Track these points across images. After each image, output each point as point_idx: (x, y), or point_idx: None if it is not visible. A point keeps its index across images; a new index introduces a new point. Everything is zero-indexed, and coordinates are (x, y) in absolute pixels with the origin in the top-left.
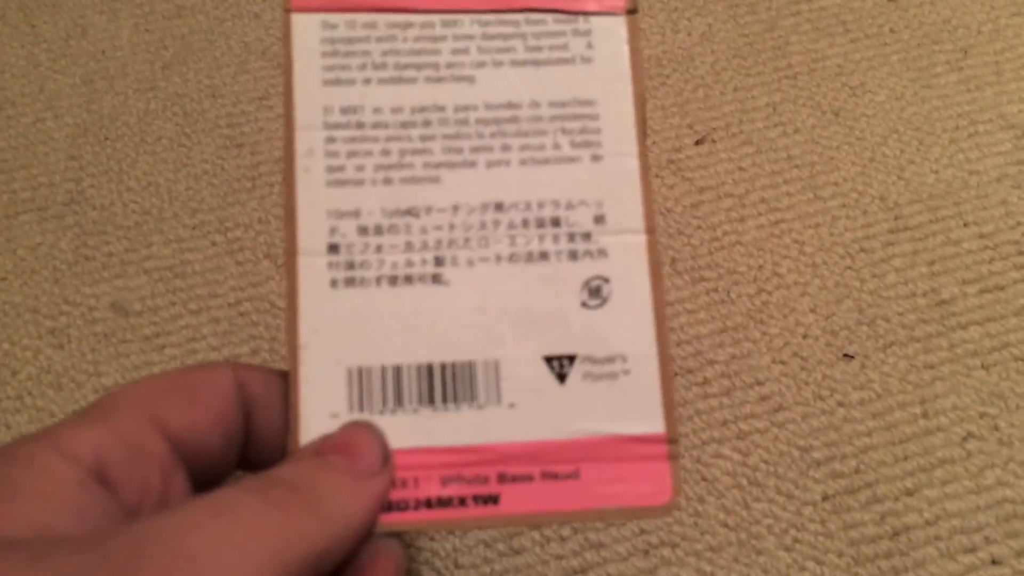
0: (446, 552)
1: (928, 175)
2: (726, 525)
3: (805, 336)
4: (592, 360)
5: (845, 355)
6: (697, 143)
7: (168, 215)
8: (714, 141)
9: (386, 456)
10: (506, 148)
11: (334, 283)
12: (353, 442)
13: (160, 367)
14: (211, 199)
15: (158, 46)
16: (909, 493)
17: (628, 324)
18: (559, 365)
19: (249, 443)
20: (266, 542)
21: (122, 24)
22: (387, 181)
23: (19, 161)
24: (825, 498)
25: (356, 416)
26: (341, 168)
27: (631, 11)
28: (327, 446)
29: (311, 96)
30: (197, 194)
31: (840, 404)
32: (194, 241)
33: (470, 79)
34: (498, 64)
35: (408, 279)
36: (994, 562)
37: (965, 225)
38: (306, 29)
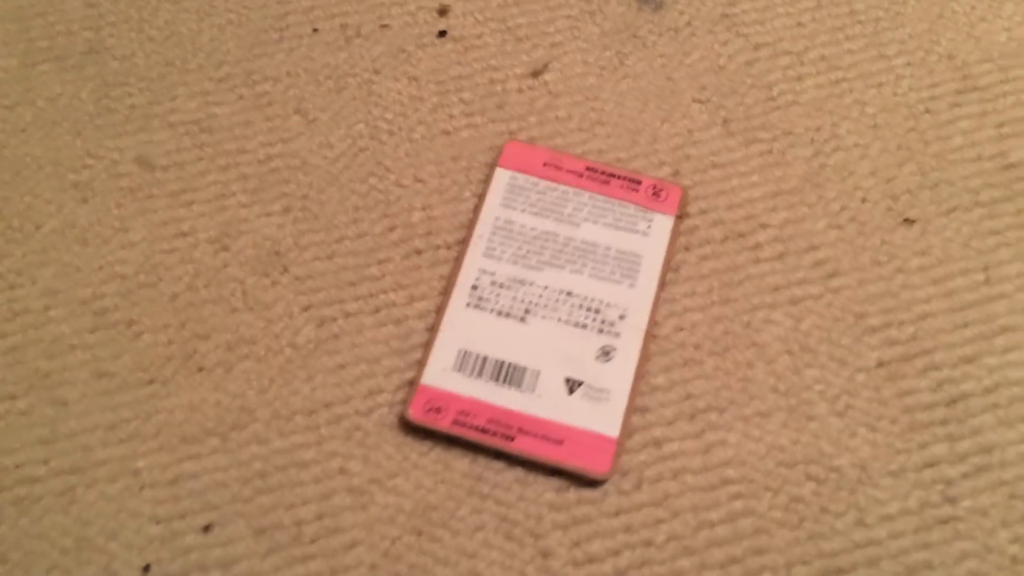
0: None
1: (1000, 33)
2: (776, 391)
3: (864, 200)
4: (591, 387)
5: (906, 220)
6: None
7: (192, 67)
8: None
9: None
10: (584, 265)
11: (468, 305)
12: None
13: (188, 224)
14: (236, 50)
15: None
16: (968, 361)
17: (618, 375)
18: (571, 384)
19: None
20: None
21: None
22: (514, 262)
23: (35, 8)
24: (880, 365)
25: (455, 374)
26: (493, 249)
27: (680, 216)
28: None
29: (491, 210)
30: (222, 45)
31: (899, 270)
32: (220, 95)
33: (576, 224)
34: (595, 221)
35: (507, 315)
36: None
37: None
38: (501, 176)
